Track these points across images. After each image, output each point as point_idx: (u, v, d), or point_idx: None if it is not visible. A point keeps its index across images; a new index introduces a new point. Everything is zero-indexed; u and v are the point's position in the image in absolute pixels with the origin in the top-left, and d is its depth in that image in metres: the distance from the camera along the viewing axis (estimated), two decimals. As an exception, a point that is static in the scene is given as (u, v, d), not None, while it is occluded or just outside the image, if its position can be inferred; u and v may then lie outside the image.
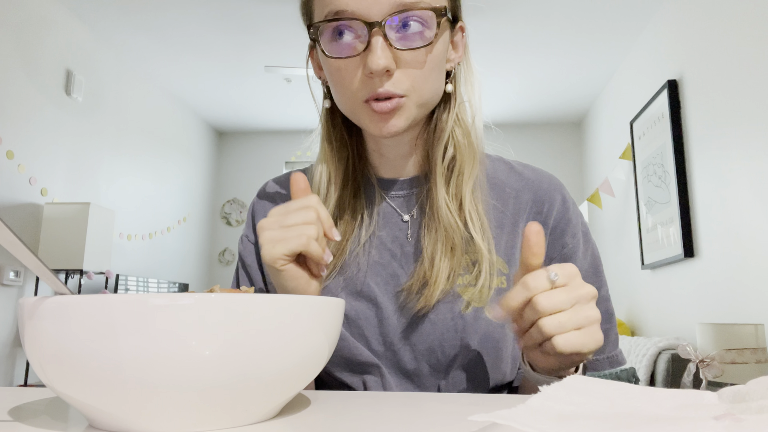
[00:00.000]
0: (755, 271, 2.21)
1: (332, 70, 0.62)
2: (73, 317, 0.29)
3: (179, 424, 0.31)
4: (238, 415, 0.33)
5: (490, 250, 0.64)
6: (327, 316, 0.35)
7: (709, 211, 2.58)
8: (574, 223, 0.69)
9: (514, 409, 0.28)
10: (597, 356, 0.65)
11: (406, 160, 0.71)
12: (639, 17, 3.23)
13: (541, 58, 3.78)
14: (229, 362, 0.30)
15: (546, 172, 0.73)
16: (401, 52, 0.59)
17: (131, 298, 0.29)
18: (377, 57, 0.57)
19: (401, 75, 0.60)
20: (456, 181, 0.66)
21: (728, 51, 2.40)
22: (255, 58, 3.80)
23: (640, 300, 3.47)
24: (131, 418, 0.31)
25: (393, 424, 0.34)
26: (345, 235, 0.69)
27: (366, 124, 0.63)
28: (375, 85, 0.60)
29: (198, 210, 5.01)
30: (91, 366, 0.29)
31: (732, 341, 1.88)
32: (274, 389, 0.33)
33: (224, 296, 0.30)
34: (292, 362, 0.33)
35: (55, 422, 0.35)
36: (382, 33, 0.58)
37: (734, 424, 0.25)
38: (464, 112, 0.69)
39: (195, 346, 0.29)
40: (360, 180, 0.72)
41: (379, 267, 0.68)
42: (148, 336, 0.29)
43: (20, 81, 2.89)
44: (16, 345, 2.91)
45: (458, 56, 0.69)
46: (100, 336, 0.29)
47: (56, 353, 0.30)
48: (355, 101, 0.62)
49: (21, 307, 0.32)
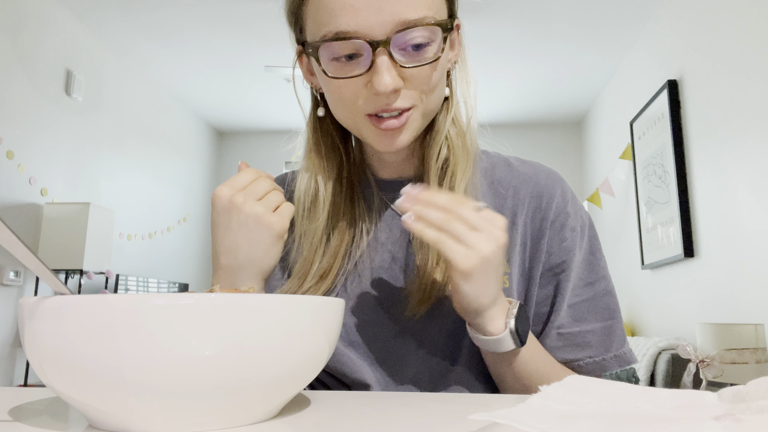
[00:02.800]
0: (755, 271, 2.21)
1: (332, 87, 0.60)
2: (73, 317, 0.29)
3: (179, 424, 0.31)
4: (238, 415, 0.32)
5: None
6: (328, 315, 0.35)
7: (709, 211, 2.58)
8: (573, 217, 0.67)
9: (514, 409, 0.28)
10: (603, 355, 0.63)
11: (405, 162, 0.70)
12: (639, 17, 3.23)
13: (541, 58, 3.78)
14: (230, 362, 0.30)
15: (544, 166, 0.71)
16: (408, 70, 0.57)
17: (131, 297, 0.29)
18: (384, 78, 0.55)
19: (408, 91, 0.59)
20: (449, 183, 0.65)
21: (728, 51, 2.40)
22: (255, 58, 3.80)
23: (640, 300, 3.47)
24: (131, 418, 0.31)
25: (393, 424, 0.34)
26: (342, 245, 0.66)
27: (370, 140, 0.62)
28: (381, 102, 0.58)
29: (198, 210, 5.01)
30: (91, 366, 0.29)
31: (732, 341, 1.88)
32: (274, 389, 0.33)
33: (224, 296, 0.30)
34: (292, 362, 0.33)
35: (55, 422, 0.35)
36: (387, 52, 0.56)
37: (734, 424, 0.25)
38: (460, 112, 0.68)
39: (195, 346, 0.29)
40: (356, 183, 0.70)
41: (380, 272, 0.66)
42: (148, 336, 0.29)
43: (20, 81, 2.89)
44: (16, 345, 2.91)
45: (455, 54, 0.67)
46: (100, 336, 0.29)
47: (56, 353, 0.30)
48: (357, 115, 0.60)
49: (21, 307, 0.32)
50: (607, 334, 0.64)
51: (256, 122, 5.13)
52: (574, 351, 0.63)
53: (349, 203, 0.68)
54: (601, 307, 0.64)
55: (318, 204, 0.67)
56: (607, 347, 0.63)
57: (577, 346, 0.63)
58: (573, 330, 0.63)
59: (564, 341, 0.63)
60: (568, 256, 0.65)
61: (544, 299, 0.65)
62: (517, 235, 0.66)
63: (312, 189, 0.67)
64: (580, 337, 0.63)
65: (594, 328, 0.64)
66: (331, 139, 0.69)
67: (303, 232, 0.67)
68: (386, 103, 0.58)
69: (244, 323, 0.30)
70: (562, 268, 0.65)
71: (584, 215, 0.69)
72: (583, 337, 0.63)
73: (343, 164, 0.69)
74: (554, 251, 0.65)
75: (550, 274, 0.65)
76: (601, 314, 0.64)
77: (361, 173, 0.71)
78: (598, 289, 0.65)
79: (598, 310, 0.64)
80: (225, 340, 0.30)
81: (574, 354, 0.63)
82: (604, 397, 0.32)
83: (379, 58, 0.55)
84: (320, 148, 0.68)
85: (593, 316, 0.64)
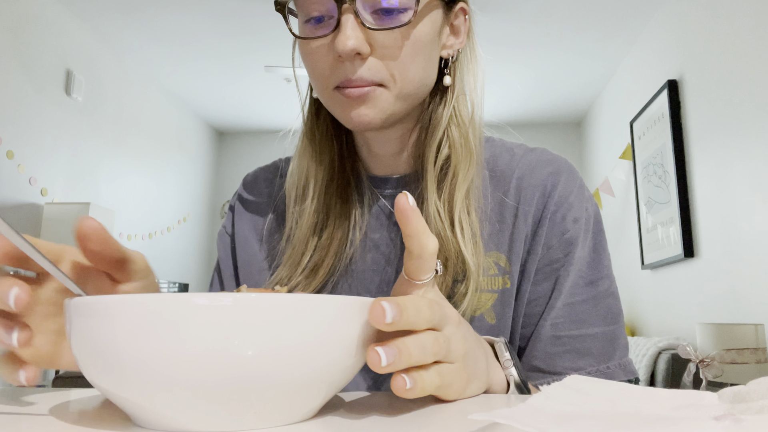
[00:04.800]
0: (755, 271, 2.21)
1: (304, 54, 0.56)
2: (121, 316, 0.30)
3: (219, 423, 0.32)
4: (277, 414, 0.33)
5: (478, 265, 0.57)
6: (366, 316, 0.35)
7: (709, 211, 2.58)
8: (577, 207, 0.60)
9: (514, 409, 0.28)
10: (608, 363, 0.57)
11: (397, 158, 0.65)
12: (639, 17, 3.23)
13: (541, 58, 3.78)
14: (273, 362, 0.31)
15: (550, 153, 0.65)
16: (376, 34, 0.53)
17: (174, 297, 0.30)
18: (345, 37, 0.51)
19: (377, 62, 0.54)
20: (449, 185, 0.59)
21: (728, 51, 2.40)
22: (255, 58, 3.80)
23: (640, 300, 3.47)
24: (173, 415, 0.31)
25: (393, 424, 0.34)
26: (333, 242, 0.62)
27: (338, 114, 0.57)
28: (346, 71, 0.53)
29: (198, 210, 5.01)
30: (135, 364, 0.30)
31: (732, 341, 1.88)
32: (316, 389, 0.33)
33: (267, 296, 0.31)
34: (335, 362, 0.33)
35: (99, 421, 0.35)
36: (353, 10, 0.51)
37: (734, 424, 0.25)
38: (463, 106, 0.62)
39: (238, 346, 0.30)
40: (350, 177, 0.66)
41: (372, 274, 0.62)
42: (190, 335, 0.29)
43: (20, 81, 2.89)
44: (16, 345, 2.91)
45: (459, 42, 0.62)
46: (145, 335, 0.29)
47: (103, 352, 0.31)
48: (326, 88, 0.56)
49: (67, 306, 0.33)
50: (609, 340, 0.58)
51: (256, 122, 5.13)
52: (575, 359, 0.57)
53: (341, 198, 0.64)
54: (603, 309, 0.58)
55: (308, 190, 0.63)
56: (609, 355, 0.57)
57: (577, 352, 0.57)
58: (571, 333, 0.57)
59: (562, 346, 0.57)
60: (569, 250, 0.59)
61: (539, 297, 0.59)
62: (521, 227, 0.60)
63: (303, 174, 0.64)
64: (579, 342, 0.57)
65: (595, 332, 0.58)
66: (325, 126, 0.65)
67: (294, 219, 0.64)
68: (351, 70, 0.53)
69: (288, 323, 0.31)
70: (562, 263, 0.59)
71: (591, 207, 0.62)
72: (582, 342, 0.57)
73: (335, 156, 0.65)
74: (554, 244, 0.59)
75: (549, 269, 0.59)
76: (602, 317, 0.58)
77: (354, 166, 0.67)
78: (600, 289, 0.59)
79: (599, 313, 0.58)
80: (269, 340, 0.30)
81: (574, 362, 0.57)
82: (604, 397, 0.32)
83: (344, 16, 0.52)
84: (313, 134, 0.65)
85: (594, 319, 0.58)
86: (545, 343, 0.58)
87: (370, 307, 0.34)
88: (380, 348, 0.34)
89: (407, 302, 0.36)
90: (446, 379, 0.38)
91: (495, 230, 0.61)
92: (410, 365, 0.35)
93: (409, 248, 0.39)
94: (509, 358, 0.48)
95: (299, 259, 0.62)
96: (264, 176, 0.73)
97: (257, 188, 0.72)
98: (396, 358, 0.34)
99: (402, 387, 0.35)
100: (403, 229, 0.39)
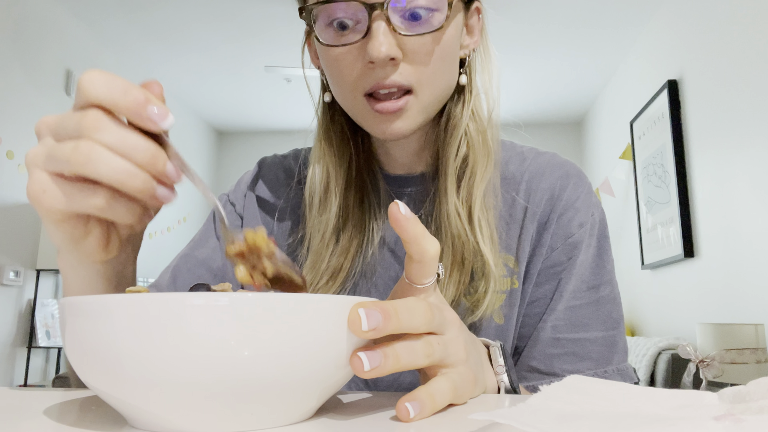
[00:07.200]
0: (755, 271, 2.21)
1: (329, 60, 0.56)
2: (114, 316, 0.30)
3: (216, 425, 0.31)
4: (276, 415, 0.33)
5: (496, 264, 0.57)
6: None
7: (709, 211, 2.58)
8: (583, 211, 0.61)
9: (514, 408, 0.28)
10: (605, 367, 0.58)
11: (415, 157, 0.65)
12: (639, 17, 3.23)
13: (541, 58, 3.78)
14: (270, 362, 0.30)
15: (560, 158, 0.65)
16: (407, 39, 0.53)
17: (168, 297, 0.29)
18: (379, 43, 0.51)
19: (408, 67, 0.54)
20: (467, 184, 0.59)
21: (728, 51, 2.40)
22: (255, 58, 3.80)
23: (640, 300, 3.48)
24: (169, 417, 0.31)
25: (393, 424, 0.34)
26: (352, 245, 0.62)
27: (368, 126, 0.57)
28: (378, 76, 0.53)
29: (198, 210, 5.01)
30: (130, 365, 0.30)
31: (732, 341, 1.88)
32: (313, 390, 0.33)
33: (263, 296, 0.30)
34: (332, 362, 0.33)
35: (93, 422, 0.35)
36: (385, 17, 0.51)
37: (734, 424, 0.25)
38: (480, 104, 0.62)
39: (234, 346, 0.29)
40: (366, 178, 0.65)
41: (392, 281, 0.62)
42: (185, 336, 0.29)
43: (20, 81, 2.89)
44: (16, 345, 2.91)
45: (474, 41, 0.62)
46: (139, 335, 0.29)
47: (97, 352, 0.30)
48: (355, 95, 0.56)
49: (62, 306, 0.33)
50: (609, 345, 0.58)
51: (256, 122, 5.13)
52: (573, 361, 0.58)
53: (359, 200, 0.64)
54: (604, 314, 0.59)
55: (330, 195, 0.62)
56: (608, 359, 0.58)
57: (576, 355, 0.58)
58: (571, 336, 0.58)
59: (561, 348, 0.58)
60: (573, 253, 0.59)
61: (540, 298, 0.60)
62: (529, 229, 0.61)
63: (324, 179, 0.63)
64: (578, 345, 0.58)
65: (594, 336, 0.58)
66: (340, 127, 0.64)
67: (313, 226, 0.63)
68: (383, 76, 0.53)
69: (284, 323, 0.30)
70: (565, 267, 0.59)
71: (597, 213, 0.62)
72: (582, 346, 0.58)
73: (353, 156, 0.65)
74: (558, 247, 0.60)
75: (552, 271, 0.60)
76: (603, 322, 0.59)
77: (370, 168, 0.66)
78: (602, 294, 0.59)
79: (600, 318, 0.59)
80: (265, 340, 0.30)
81: (572, 365, 0.58)
82: (604, 397, 0.32)
83: (375, 23, 0.51)
84: (330, 137, 0.64)
85: (594, 324, 0.59)
86: (544, 344, 0.58)
87: (348, 313, 0.33)
88: (363, 353, 0.33)
89: (399, 305, 0.34)
90: (459, 390, 0.37)
91: (505, 231, 0.62)
92: (398, 369, 0.34)
93: (409, 253, 0.39)
94: (502, 363, 0.47)
95: (320, 264, 0.62)
96: (285, 166, 0.71)
97: (276, 181, 0.71)
98: (381, 363, 0.33)
99: (405, 416, 0.33)
100: (400, 236, 0.38)
